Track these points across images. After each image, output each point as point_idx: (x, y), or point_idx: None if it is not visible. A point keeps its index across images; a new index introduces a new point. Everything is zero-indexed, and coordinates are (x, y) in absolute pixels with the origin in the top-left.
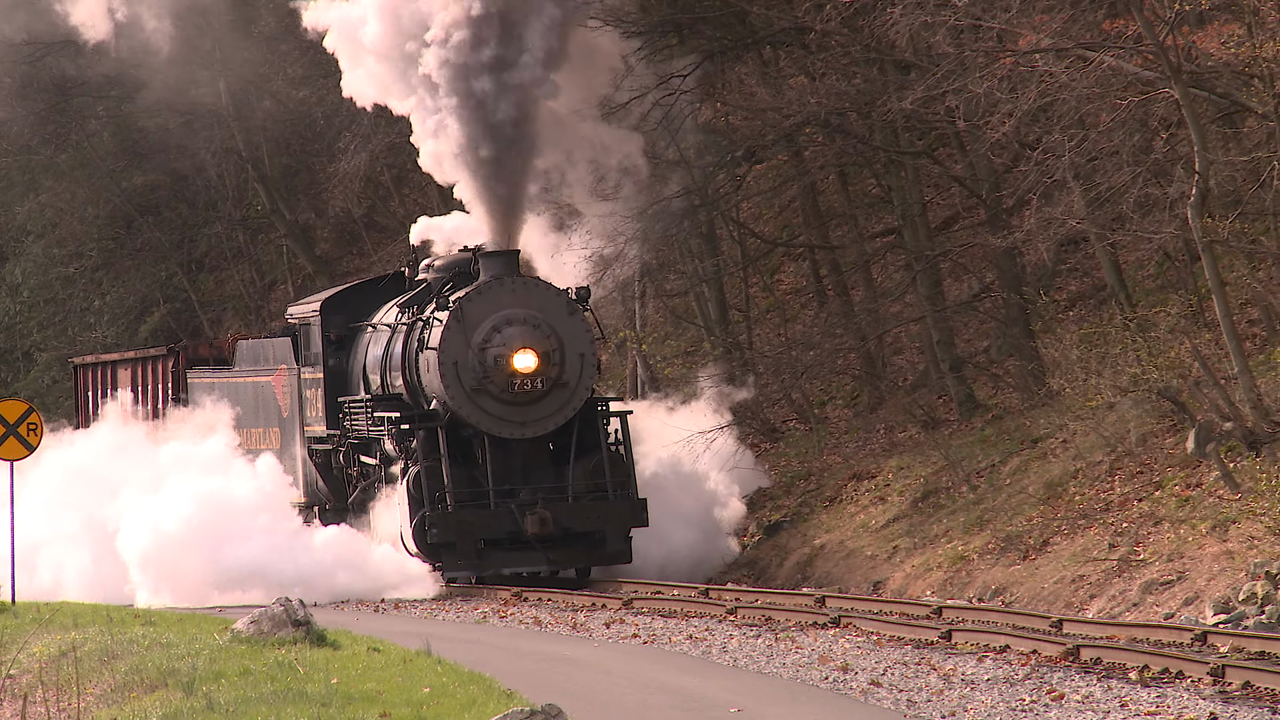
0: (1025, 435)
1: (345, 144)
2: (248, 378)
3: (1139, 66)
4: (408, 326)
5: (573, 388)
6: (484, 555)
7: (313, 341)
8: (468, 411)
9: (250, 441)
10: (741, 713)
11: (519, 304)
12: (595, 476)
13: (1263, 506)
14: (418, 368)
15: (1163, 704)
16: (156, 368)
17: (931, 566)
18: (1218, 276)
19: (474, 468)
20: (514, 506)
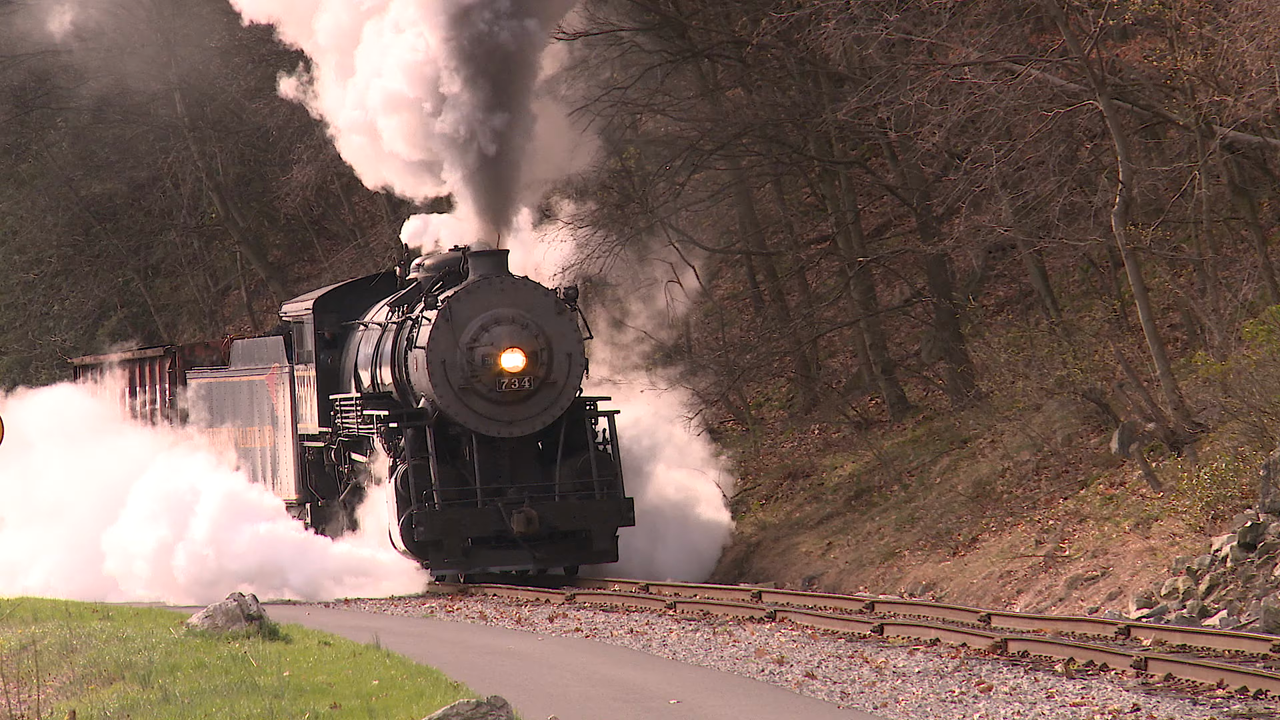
0: (955, 435)
1: (297, 154)
2: (243, 377)
3: (1065, 79)
4: (397, 325)
5: (560, 387)
6: (471, 554)
7: (305, 340)
8: (455, 410)
9: (246, 440)
10: (680, 704)
11: (507, 303)
12: (582, 476)
13: (1184, 504)
14: (407, 366)
15: (1088, 696)
16: (155, 368)
17: (864, 563)
18: (1141, 282)
19: (462, 466)
20: (501, 505)
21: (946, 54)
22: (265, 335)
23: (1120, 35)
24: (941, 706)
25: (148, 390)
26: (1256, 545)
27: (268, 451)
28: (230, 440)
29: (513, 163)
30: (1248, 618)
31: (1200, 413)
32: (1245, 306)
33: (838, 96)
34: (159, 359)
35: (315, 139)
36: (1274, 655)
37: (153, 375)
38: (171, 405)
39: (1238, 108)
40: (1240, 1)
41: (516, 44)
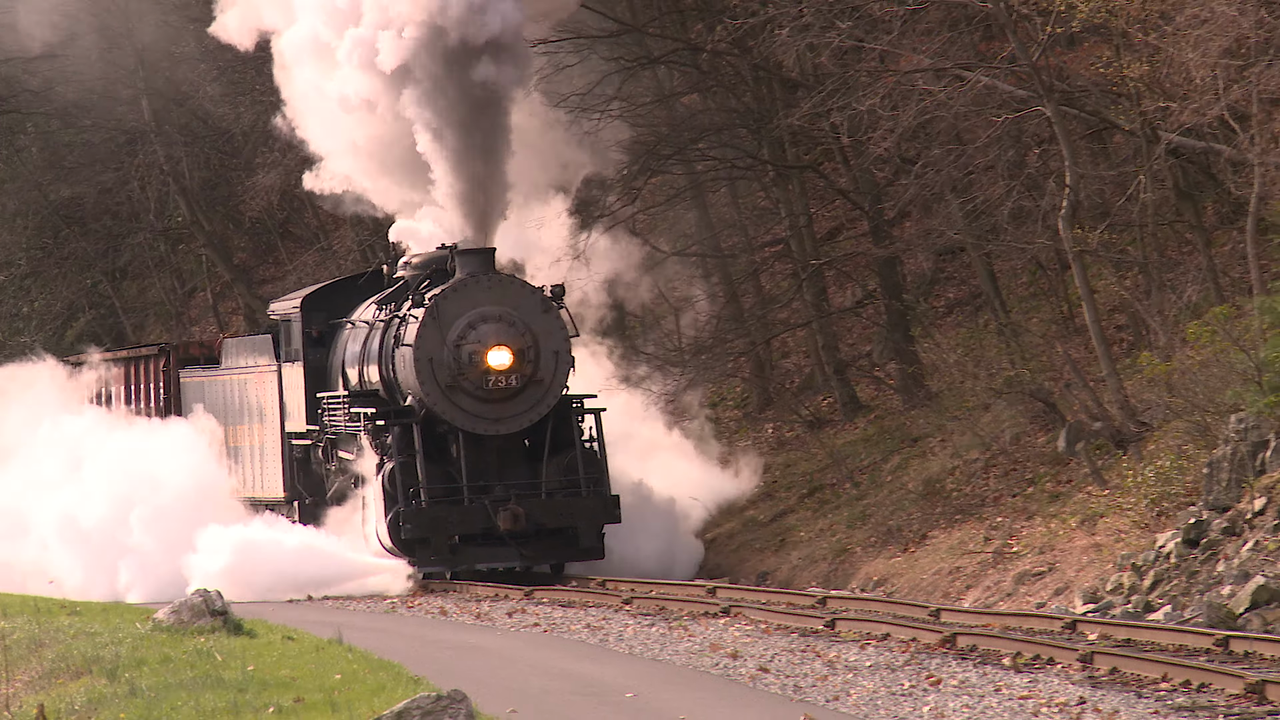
0: (905, 434)
1: (262, 158)
2: (234, 375)
3: (1013, 86)
4: (385, 323)
5: (547, 385)
6: (457, 551)
7: (293, 338)
8: (443, 408)
9: (235, 438)
10: (637, 697)
11: (494, 301)
12: (569, 473)
13: (1129, 502)
14: (394, 364)
15: (1035, 689)
16: (149, 367)
17: (816, 559)
18: (1087, 285)
19: (449, 464)
20: (488, 503)
21: (898, 61)
22: (254, 334)
23: (1067, 43)
24: (892, 699)
25: (143, 389)
26: (1200, 541)
27: (256, 449)
28: (222, 438)
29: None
30: (1191, 613)
31: (1145, 412)
32: (1189, 308)
33: (791, 102)
34: (153, 357)
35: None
36: (1217, 650)
37: (147, 374)
38: (165, 404)
39: (1182, 114)
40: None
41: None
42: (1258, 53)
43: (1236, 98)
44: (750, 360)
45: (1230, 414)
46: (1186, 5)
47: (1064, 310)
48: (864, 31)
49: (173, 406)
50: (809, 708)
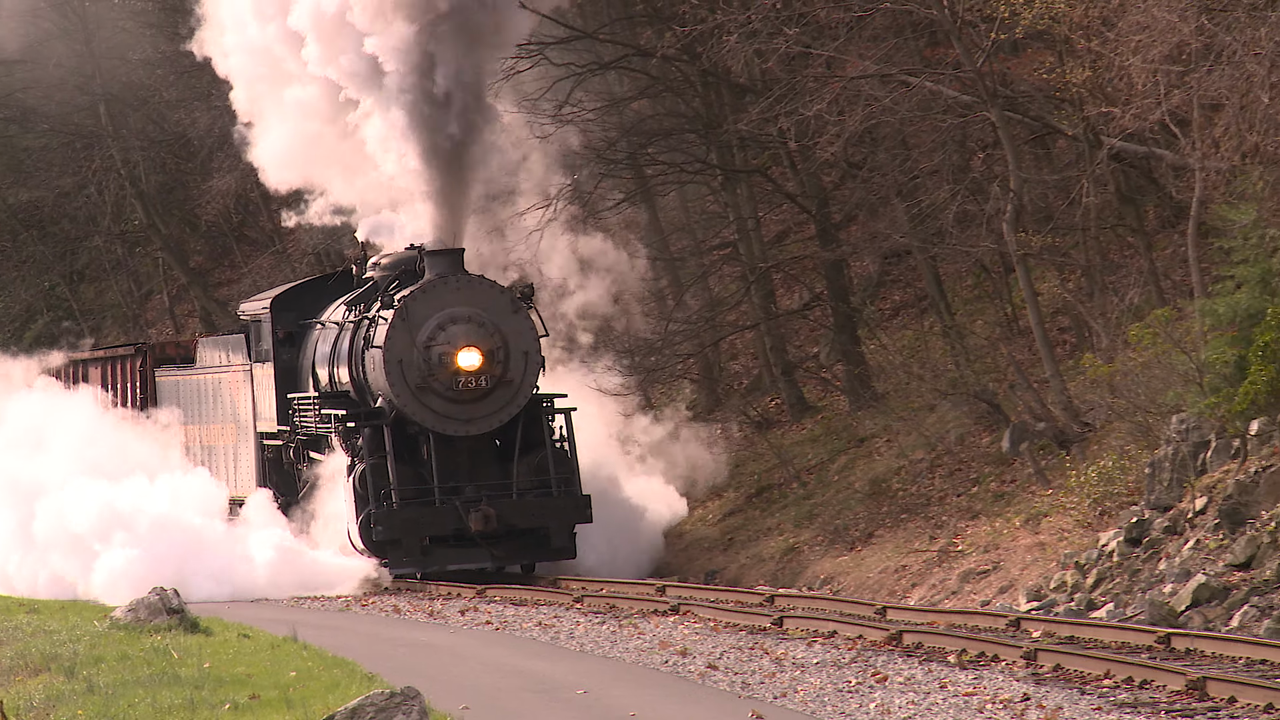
0: (852, 435)
1: (218, 163)
2: (207, 375)
3: (958, 91)
4: (354, 324)
5: (517, 385)
6: (429, 552)
7: (263, 338)
8: (413, 409)
9: (209, 438)
10: (587, 694)
11: (463, 302)
12: (540, 473)
13: (1072, 501)
14: (364, 365)
15: (980, 685)
16: (125, 366)
17: (764, 557)
18: (1031, 287)
19: (420, 465)
20: (459, 503)
21: (844, 67)
22: (227, 334)
23: (1011, 49)
24: (839, 696)
25: (120, 388)
26: (1142, 540)
27: (230, 449)
28: (196, 437)
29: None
30: (1133, 610)
31: (1088, 413)
32: (1131, 310)
33: (739, 107)
34: (130, 357)
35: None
36: (1159, 647)
37: (124, 373)
38: (142, 403)
39: (1124, 119)
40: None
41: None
42: (1198, 58)
43: (1177, 103)
44: (699, 362)
45: (1172, 415)
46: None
47: (1008, 313)
48: (811, 38)
49: (149, 405)
50: (757, 704)
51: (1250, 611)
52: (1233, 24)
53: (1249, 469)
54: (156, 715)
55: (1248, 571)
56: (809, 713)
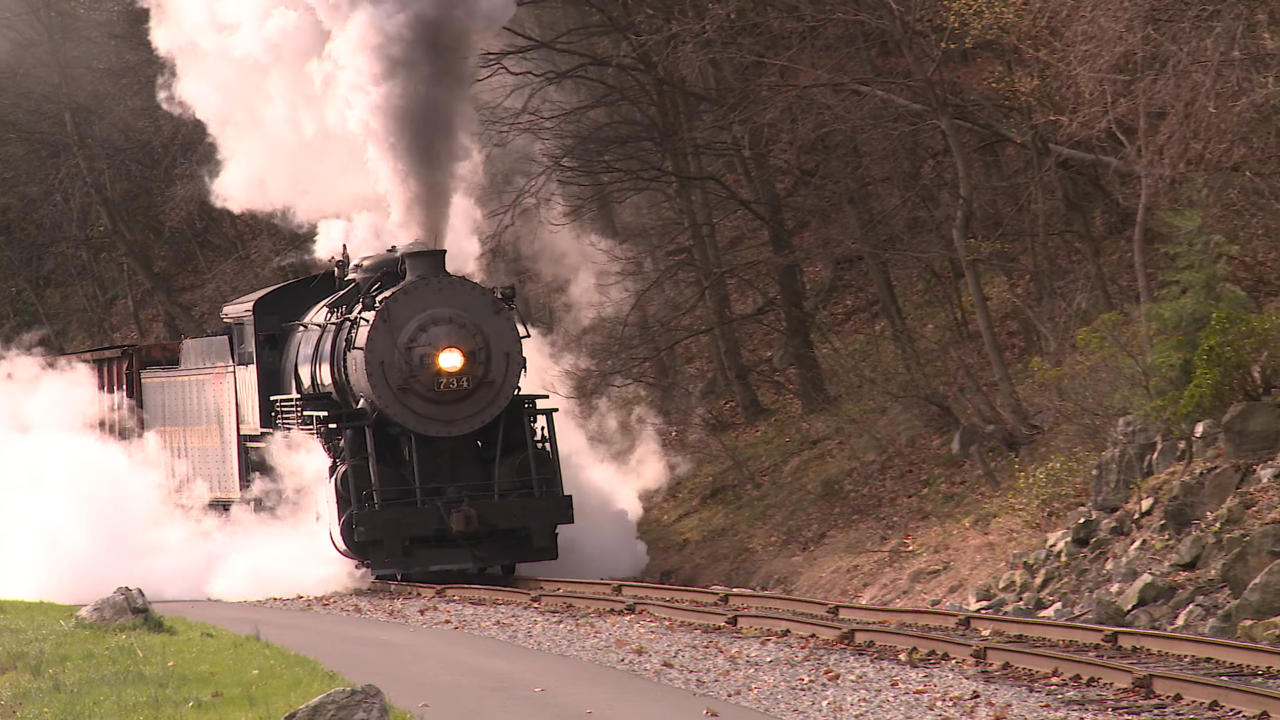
0: (805, 437)
1: (181, 170)
2: (191, 376)
3: (909, 100)
4: (336, 326)
5: (498, 386)
6: (411, 553)
7: (246, 340)
8: (394, 410)
9: (194, 439)
10: (545, 692)
11: (445, 303)
12: (522, 474)
13: (1020, 502)
14: (346, 367)
15: (930, 683)
16: (113, 368)
17: (719, 557)
18: (980, 292)
19: (402, 466)
20: (440, 504)
21: (797, 76)
22: (211, 335)
23: (961, 58)
24: (792, 694)
25: (107, 390)
26: (1089, 541)
27: (214, 451)
28: (181, 439)
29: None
30: (1081, 609)
31: (1036, 415)
32: (1079, 315)
33: (695, 115)
34: (117, 360)
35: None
36: (1106, 645)
37: (112, 375)
38: (130, 406)
39: (1072, 127)
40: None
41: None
42: (1144, 67)
43: (1124, 111)
44: (655, 365)
45: (1118, 417)
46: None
47: (958, 317)
48: (764, 47)
49: (135, 407)
50: (712, 702)
51: (1195, 610)
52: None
53: (1194, 471)
54: (121, 713)
55: (1193, 571)
56: (763, 710)
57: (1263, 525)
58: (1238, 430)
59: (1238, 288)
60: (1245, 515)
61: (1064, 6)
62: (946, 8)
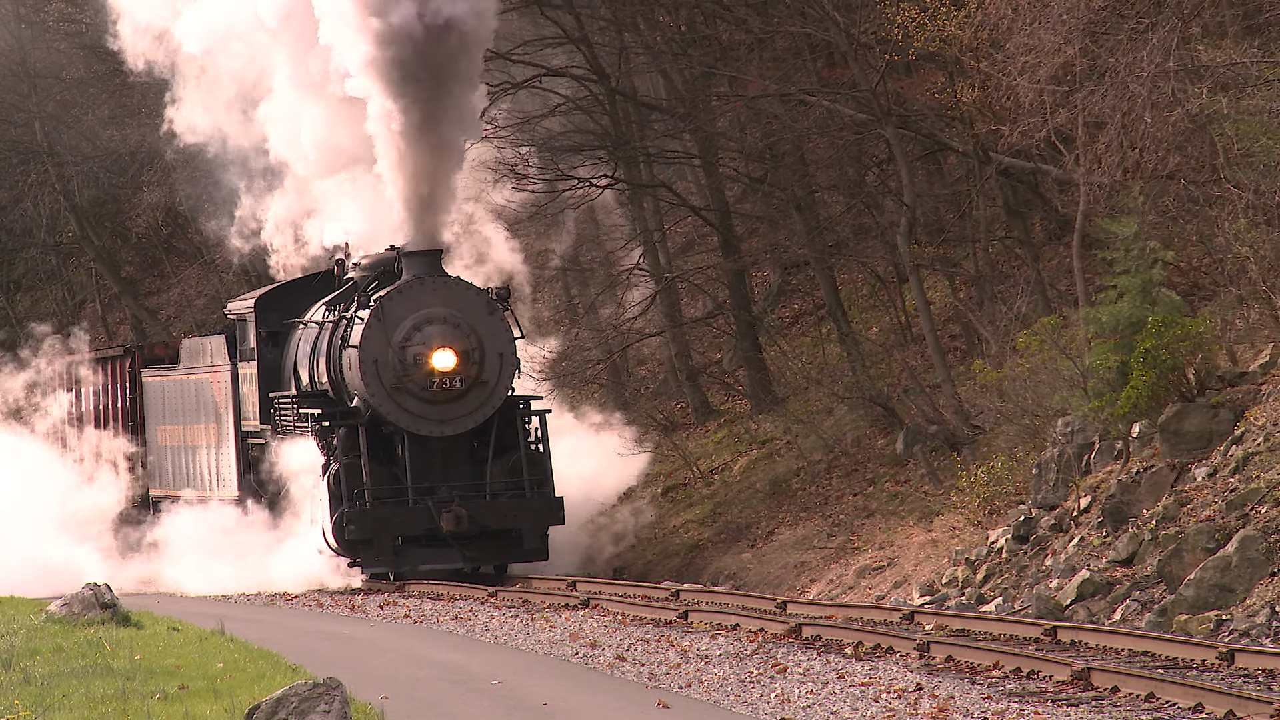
0: (754, 437)
1: (148, 177)
2: (190, 374)
3: (854, 110)
4: (333, 324)
5: (492, 386)
6: (402, 552)
7: (247, 337)
8: (388, 409)
9: (193, 437)
10: (502, 684)
11: (439, 303)
12: (514, 475)
13: (962, 500)
14: (341, 365)
15: (875, 676)
16: (115, 367)
17: (670, 554)
18: (923, 296)
19: (395, 465)
20: (431, 504)
21: (746, 86)
22: (211, 334)
23: (905, 70)
24: (741, 686)
25: (109, 388)
26: (1029, 538)
27: (213, 448)
28: (181, 437)
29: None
30: (1021, 604)
31: (978, 416)
32: (1019, 318)
33: (647, 124)
34: (119, 358)
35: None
36: (1046, 639)
37: (113, 373)
38: (131, 403)
39: (1012, 136)
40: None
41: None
42: (1082, 79)
43: (1062, 121)
44: (608, 368)
45: (1057, 418)
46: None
47: (902, 320)
48: (714, 59)
49: (137, 405)
50: (663, 694)
51: (1132, 605)
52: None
53: (1131, 469)
54: (90, 705)
55: (1130, 567)
56: (713, 702)
57: (1197, 523)
58: (1173, 430)
59: (1173, 292)
60: (1180, 513)
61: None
62: (890, 20)
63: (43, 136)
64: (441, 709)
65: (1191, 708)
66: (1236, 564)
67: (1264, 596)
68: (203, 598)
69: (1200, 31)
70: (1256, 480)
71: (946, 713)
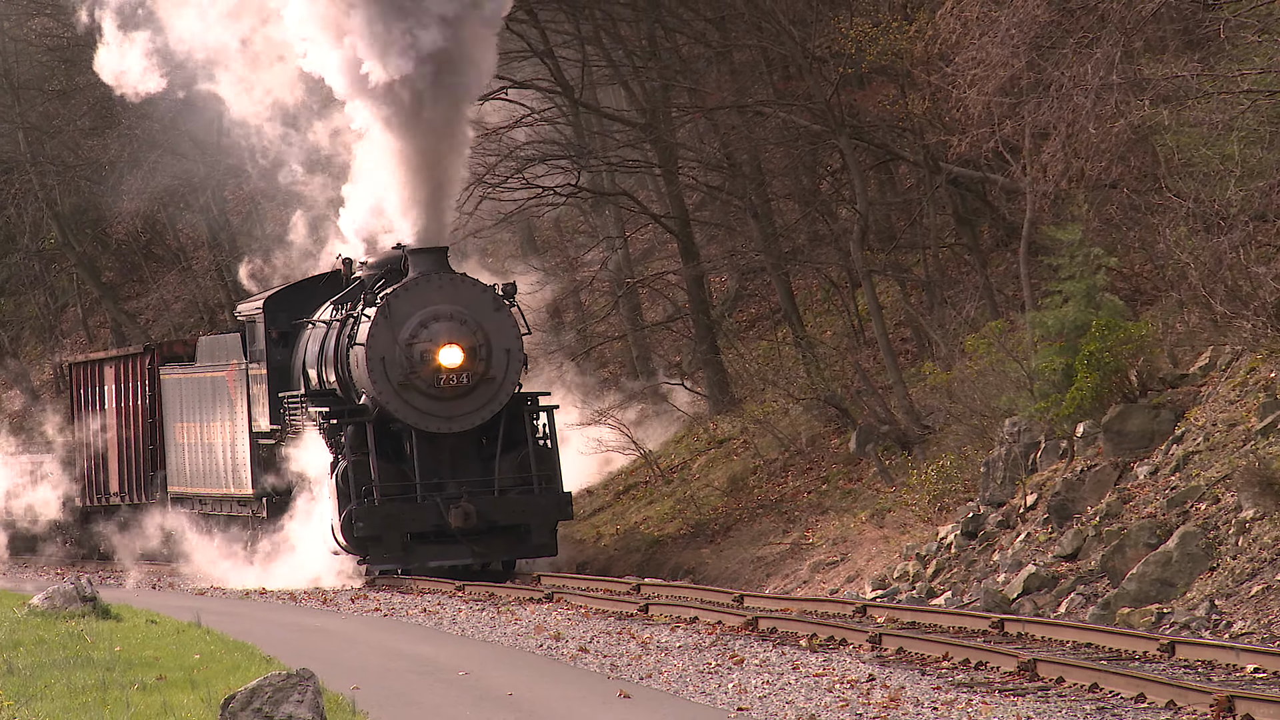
0: (712, 437)
1: (128, 186)
2: (206, 373)
3: (809, 121)
4: (340, 323)
5: (499, 383)
6: (410, 549)
7: (257, 338)
8: (395, 406)
9: (209, 435)
10: (469, 675)
11: (446, 300)
12: (522, 470)
13: (913, 498)
14: (348, 363)
15: (829, 667)
16: (135, 365)
17: (632, 549)
18: (875, 301)
19: (404, 462)
20: (439, 500)
21: (705, 99)
22: (225, 332)
23: (858, 82)
24: (700, 677)
25: (129, 386)
26: (977, 534)
27: (227, 446)
28: (197, 435)
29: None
30: (970, 598)
31: (928, 416)
32: (968, 322)
33: (609, 135)
34: (139, 356)
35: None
36: (993, 631)
37: (133, 372)
38: (150, 400)
39: (961, 146)
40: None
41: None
42: (1029, 91)
43: (1010, 132)
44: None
45: (1005, 418)
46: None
47: (855, 324)
48: (674, 72)
49: (156, 403)
50: (624, 684)
51: (1076, 599)
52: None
53: (1075, 468)
54: (71, 695)
55: (1074, 562)
56: (672, 692)
57: (1139, 519)
58: (1116, 430)
59: (1116, 297)
60: (1123, 510)
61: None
62: (844, 35)
63: (26, 146)
64: (410, 699)
65: (1134, 698)
66: (1177, 559)
67: (1203, 590)
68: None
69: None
70: (1196, 478)
71: (898, 702)
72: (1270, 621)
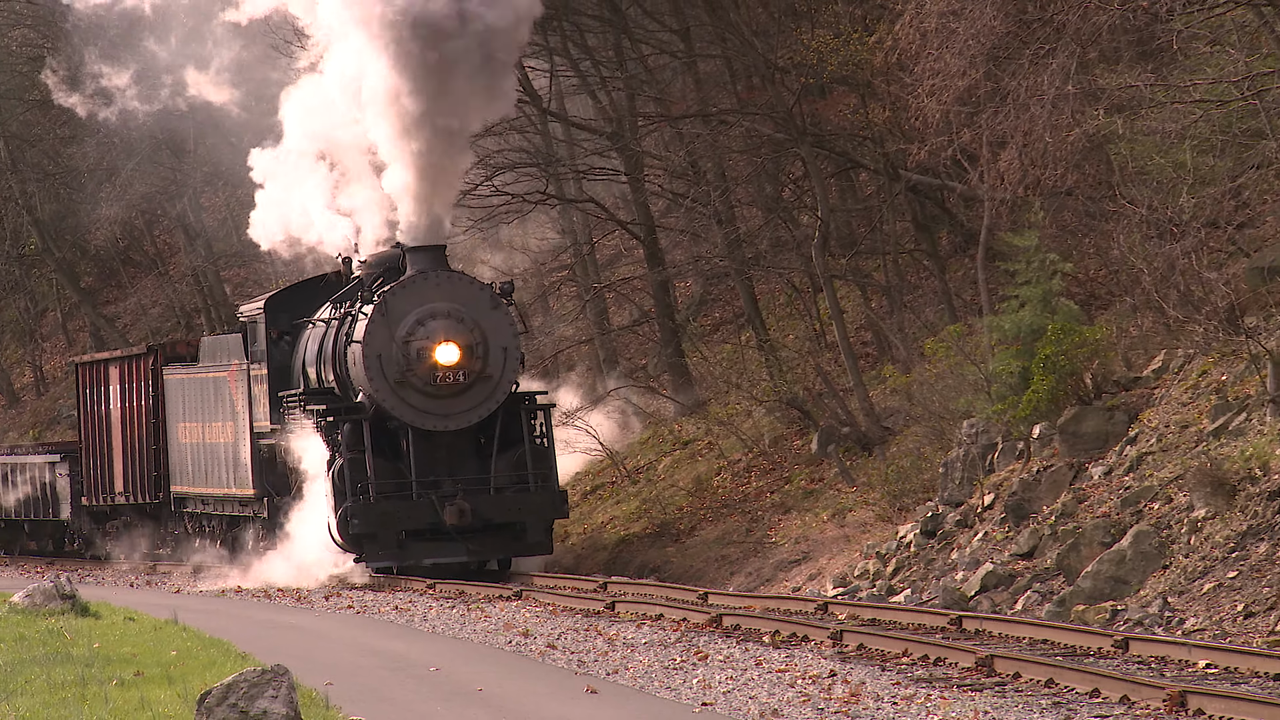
0: (677, 438)
1: (106, 193)
2: (208, 373)
3: (772, 130)
4: (338, 321)
5: (496, 381)
6: (405, 546)
7: (258, 338)
8: (392, 404)
9: (211, 435)
10: (439, 671)
11: (443, 297)
12: (518, 468)
13: (873, 497)
14: (346, 361)
15: (791, 663)
16: (139, 365)
17: (599, 548)
18: (837, 305)
19: (401, 460)
20: (434, 498)
21: (670, 107)
22: (227, 333)
23: (820, 92)
24: (665, 673)
25: (133, 386)
26: (936, 533)
27: (229, 446)
28: (200, 434)
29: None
30: (929, 595)
31: (888, 418)
32: (927, 326)
33: (576, 143)
34: (142, 356)
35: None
36: (952, 628)
37: (137, 372)
38: (153, 400)
39: (920, 154)
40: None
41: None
42: (986, 100)
43: (967, 140)
44: (539, 372)
45: (963, 420)
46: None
47: (816, 328)
48: (641, 81)
49: (159, 403)
50: (592, 680)
51: (1033, 596)
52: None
53: (1032, 468)
54: (50, 690)
55: (1030, 560)
56: (638, 688)
57: (1094, 518)
58: (1071, 432)
59: (1071, 302)
60: (1078, 509)
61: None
62: (806, 46)
63: (6, 154)
64: (382, 694)
65: (1089, 693)
66: (1131, 557)
67: (1156, 588)
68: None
69: (1097, 57)
70: (1150, 478)
71: (858, 697)
72: (1221, 618)
